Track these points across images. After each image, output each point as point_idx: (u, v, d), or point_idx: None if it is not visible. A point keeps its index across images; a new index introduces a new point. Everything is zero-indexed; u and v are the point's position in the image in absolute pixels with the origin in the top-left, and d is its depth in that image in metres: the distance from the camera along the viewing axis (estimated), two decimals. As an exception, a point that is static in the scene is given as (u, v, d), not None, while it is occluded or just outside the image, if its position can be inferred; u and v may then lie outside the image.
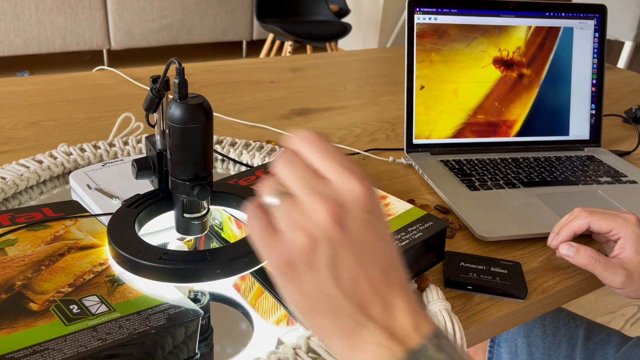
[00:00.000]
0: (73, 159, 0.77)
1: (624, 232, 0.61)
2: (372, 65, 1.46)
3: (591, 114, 0.96)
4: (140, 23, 3.61)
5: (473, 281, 0.59)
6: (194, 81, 1.19)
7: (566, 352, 0.82)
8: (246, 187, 0.59)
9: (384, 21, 4.03)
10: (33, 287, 0.46)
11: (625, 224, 0.62)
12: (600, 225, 0.63)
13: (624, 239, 0.61)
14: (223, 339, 0.53)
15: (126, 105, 1.02)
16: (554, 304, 0.63)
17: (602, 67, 0.96)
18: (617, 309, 1.81)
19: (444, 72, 0.89)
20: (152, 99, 0.54)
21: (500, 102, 0.92)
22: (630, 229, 0.61)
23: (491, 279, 0.60)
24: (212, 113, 0.50)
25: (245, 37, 4.04)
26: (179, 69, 0.48)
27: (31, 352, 0.39)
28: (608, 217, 0.63)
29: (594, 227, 0.63)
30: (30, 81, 1.13)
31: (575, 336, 0.83)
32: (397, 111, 1.11)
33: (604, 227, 0.63)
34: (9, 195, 0.70)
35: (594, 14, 0.95)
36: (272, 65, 1.37)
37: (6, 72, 3.39)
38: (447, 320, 0.52)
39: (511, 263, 0.63)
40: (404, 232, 0.56)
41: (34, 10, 3.29)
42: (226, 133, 0.93)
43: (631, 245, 0.61)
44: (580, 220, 0.64)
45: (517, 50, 0.92)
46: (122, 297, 0.46)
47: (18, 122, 0.93)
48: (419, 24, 0.88)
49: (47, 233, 0.54)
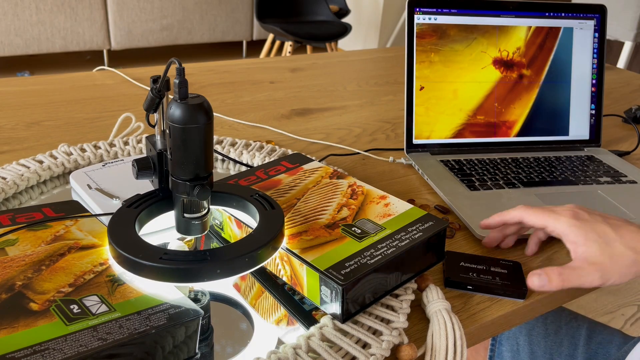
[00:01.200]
0: (73, 159, 0.77)
1: (560, 228, 0.59)
2: (372, 65, 1.46)
3: (591, 114, 0.96)
4: (141, 23, 3.61)
5: (473, 281, 0.60)
6: (194, 81, 1.19)
7: (568, 351, 0.82)
8: (246, 187, 0.59)
9: (384, 21, 4.03)
10: (33, 287, 0.46)
11: (558, 219, 0.59)
12: (533, 220, 0.61)
13: (565, 236, 0.58)
14: (223, 339, 0.53)
15: (126, 105, 1.02)
16: (553, 304, 0.63)
17: (602, 67, 0.96)
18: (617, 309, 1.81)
19: (443, 72, 0.89)
20: (153, 99, 0.54)
21: (500, 103, 0.92)
22: (565, 223, 0.58)
23: (491, 279, 0.60)
24: (212, 113, 0.50)
25: (245, 37, 4.05)
26: (179, 69, 0.48)
27: (31, 352, 0.39)
28: (542, 212, 0.60)
29: (527, 221, 0.61)
30: (30, 81, 1.13)
31: (577, 335, 0.83)
32: (397, 111, 1.11)
33: (537, 222, 0.60)
34: (9, 195, 0.70)
35: (594, 14, 0.95)
36: (272, 65, 1.37)
37: (6, 72, 3.39)
38: (447, 320, 0.53)
39: (511, 263, 0.63)
40: (404, 232, 0.56)
41: (34, 10, 3.29)
42: (226, 133, 0.93)
43: (577, 237, 0.58)
44: (515, 211, 0.62)
45: (517, 50, 0.92)
46: (123, 297, 0.46)
47: (18, 122, 0.93)
48: (419, 24, 0.88)
49: (47, 233, 0.54)
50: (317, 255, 0.52)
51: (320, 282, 0.50)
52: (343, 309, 0.49)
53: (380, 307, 0.53)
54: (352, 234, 0.55)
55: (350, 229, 0.56)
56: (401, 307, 0.54)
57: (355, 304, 0.51)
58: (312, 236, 0.55)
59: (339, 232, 0.55)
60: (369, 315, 0.52)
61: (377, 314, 0.53)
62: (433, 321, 0.53)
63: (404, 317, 0.53)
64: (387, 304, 0.54)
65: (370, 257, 0.52)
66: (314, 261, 0.51)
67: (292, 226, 0.56)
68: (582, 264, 0.57)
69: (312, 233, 0.55)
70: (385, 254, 0.52)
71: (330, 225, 0.56)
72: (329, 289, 0.50)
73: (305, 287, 0.53)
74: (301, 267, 0.52)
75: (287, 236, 0.55)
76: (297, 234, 0.55)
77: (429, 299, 0.55)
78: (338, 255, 0.52)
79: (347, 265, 0.50)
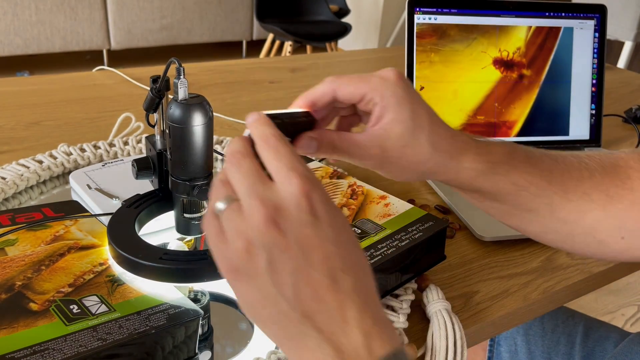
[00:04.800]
0: (73, 159, 0.77)
1: (379, 96, 0.45)
2: (372, 65, 1.46)
3: (591, 114, 0.96)
4: (140, 23, 3.61)
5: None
6: (193, 81, 1.19)
7: (565, 350, 0.82)
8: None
9: (384, 21, 4.03)
10: (33, 287, 0.46)
11: (382, 84, 0.46)
12: (350, 91, 0.46)
13: (381, 105, 0.45)
14: (223, 339, 0.53)
15: (126, 105, 1.02)
16: (554, 304, 0.63)
17: (602, 67, 0.96)
18: (617, 309, 1.81)
19: (443, 72, 0.89)
20: (152, 99, 0.54)
21: (500, 103, 0.92)
22: (389, 90, 0.45)
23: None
24: (212, 113, 0.50)
25: (245, 37, 4.04)
26: (179, 69, 0.48)
27: (31, 352, 0.39)
28: (359, 79, 0.46)
29: (342, 95, 0.46)
30: (30, 81, 1.13)
31: (574, 333, 0.83)
32: (397, 111, 1.11)
33: (355, 93, 0.46)
34: (9, 195, 0.70)
35: (594, 14, 0.95)
36: (272, 65, 1.37)
37: (6, 72, 3.39)
38: (447, 320, 0.52)
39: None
40: (404, 232, 0.56)
41: (34, 10, 3.29)
42: (226, 133, 0.93)
43: (392, 110, 0.45)
44: (323, 85, 0.47)
45: (517, 50, 0.92)
46: (122, 297, 0.46)
47: (18, 122, 0.93)
48: (419, 24, 0.88)
49: (47, 233, 0.54)
50: (317, 255, 0.52)
51: (320, 282, 0.50)
52: (343, 309, 0.49)
53: (380, 307, 0.53)
54: (352, 234, 0.55)
55: (350, 229, 0.56)
56: (401, 307, 0.54)
57: (355, 304, 0.51)
58: (312, 236, 0.54)
59: (339, 232, 0.55)
60: (369, 316, 0.52)
61: (377, 314, 0.53)
62: (433, 321, 0.53)
63: (404, 317, 0.53)
64: (387, 304, 0.54)
65: (370, 257, 0.51)
66: (314, 261, 0.51)
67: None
68: (366, 139, 0.46)
69: (312, 233, 0.55)
70: (385, 254, 0.52)
71: (330, 225, 0.56)
72: (329, 289, 0.49)
73: (305, 287, 0.53)
74: (301, 267, 0.52)
75: (287, 236, 0.55)
76: (297, 234, 0.55)
77: (429, 299, 0.55)
78: (338, 255, 0.52)
79: (347, 266, 0.50)
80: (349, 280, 0.33)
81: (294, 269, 0.33)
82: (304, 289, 0.33)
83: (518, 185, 0.49)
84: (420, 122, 0.46)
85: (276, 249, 0.33)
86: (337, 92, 0.47)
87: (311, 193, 0.34)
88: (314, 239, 0.33)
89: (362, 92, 0.46)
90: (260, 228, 0.33)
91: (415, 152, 0.46)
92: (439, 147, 0.47)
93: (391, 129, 0.46)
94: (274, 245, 0.33)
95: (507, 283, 0.62)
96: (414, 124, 0.46)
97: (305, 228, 0.33)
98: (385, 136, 0.46)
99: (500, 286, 0.62)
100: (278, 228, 0.33)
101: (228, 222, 0.35)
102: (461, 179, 0.49)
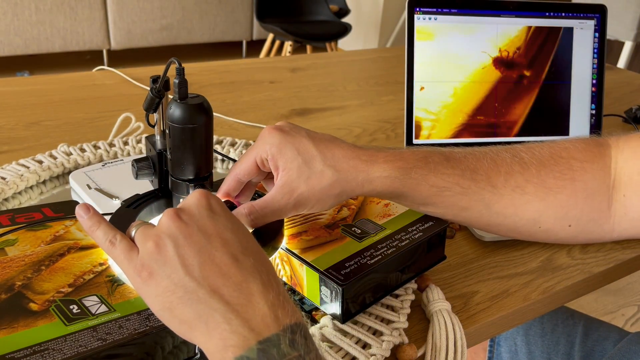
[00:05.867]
0: (73, 159, 0.77)
1: (264, 152, 0.50)
2: (372, 65, 1.46)
3: (591, 114, 0.96)
4: (140, 23, 3.61)
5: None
6: (194, 81, 1.19)
7: (565, 349, 0.82)
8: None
9: (384, 21, 4.03)
10: (33, 287, 0.46)
11: (262, 143, 0.50)
12: (245, 167, 0.51)
13: (270, 157, 0.50)
14: (223, 339, 0.52)
15: (126, 105, 1.02)
16: (554, 304, 0.63)
17: (602, 67, 0.96)
18: (617, 309, 1.81)
19: (443, 72, 0.89)
20: (152, 99, 0.54)
21: (500, 103, 0.92)
22: (267, 143, 0.49)
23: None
24: (212, 113, 0.50)
25: (245, 37, 4.04)
26: (179, 69, 0.48)
27: (31, 352, 0.39)
28: (248, 150, 0.51)
29: (243, 175, 0.52)
30: (30, 81, 1.13)
31: (573, 333, 0.83)
32: (397, 111, 1.11)
33: (249, 164, 0.51)
34: (8, 196, 0.70)
35: (594, 14, 0.95)
36: (272, 65, 1.37)
37: (6, 72, 3.39)
38: (447, 321, 0.52)
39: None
40: (404, 232, 0.56)
41: (33, 10, 3.29)
42: (226, 133, 0.93)
43: (279, 156, 0.49)
44: (229, 177, 0.52)
45: (517, 50, 0.92)
46: (122, 297, 0.46)
47: (18, 122, 0.93)
48: (419, 24, 0.88)
49: (47, 233, 0.54)
50: (317, 255, 0.52)
51: (320, 282, 0.50)
52: (343, 309, 0.49)
53: (380, 307, 0.53)
54: (352, 234, 0.55)
55: (350, 229, 0.56)
56: (401, 307, 0.54)
57: (355, 304, 0.51)
58: (312, 236, 0.55)
59: (339, 232, 0.55)
60: (369, 316, 0.52)
61: (377, 314, 0.53)
62: (433, 321, 0.53)
63: (404, 317, 0.53)
64: (387, 304, 0.54)
65: (370, 257, 0.51)
66: (314, 261, 0.51)
67: (292, 226, 0.56)
68: (282, 190, 0.49)
69: (312, 233, 0.55)
70: (385, 254, 0.52)
71: (330, 226, 0.56)
72: (329, 289, 0.49)
73: (305, 287, 0.53)
74: (301, 267, 0.52)
75: (287, 236, 0.55)
76: (297, 234, 0.55)
77: (429, 299, 0.55)
78: (338, 255, 0.52)
79: (347, 266, 0.50)
80: (249, 260, 0.38)
81: (198, 251, 0.38)
82: (210, 267, 0.37)
83: (438, 186, 0.52)
84: (308, 153, 0.50)
85: (181, 235, 0.38)
86: (239, 175, 0.52)
87: (209, 196, 0.41)
88: (214, 228, 0.39)
89: (251, 160, 0.50)
90: (167, 223, 0.39)
91: (321, 180, 0.49)
92: (340, 167, 0.50)
93: (289, 171, 0.49)
94: (180, 233, 0.38)
95: (507, 283, 0.62)
96: (304, 158, 0.49)
97: (206, 220, 0.40)
98: (289, 180, 0.49)
99: (500, 286, 0.62)
100: (181, 220, 0.39)
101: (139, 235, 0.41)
102: (378, 189, 0.51)
